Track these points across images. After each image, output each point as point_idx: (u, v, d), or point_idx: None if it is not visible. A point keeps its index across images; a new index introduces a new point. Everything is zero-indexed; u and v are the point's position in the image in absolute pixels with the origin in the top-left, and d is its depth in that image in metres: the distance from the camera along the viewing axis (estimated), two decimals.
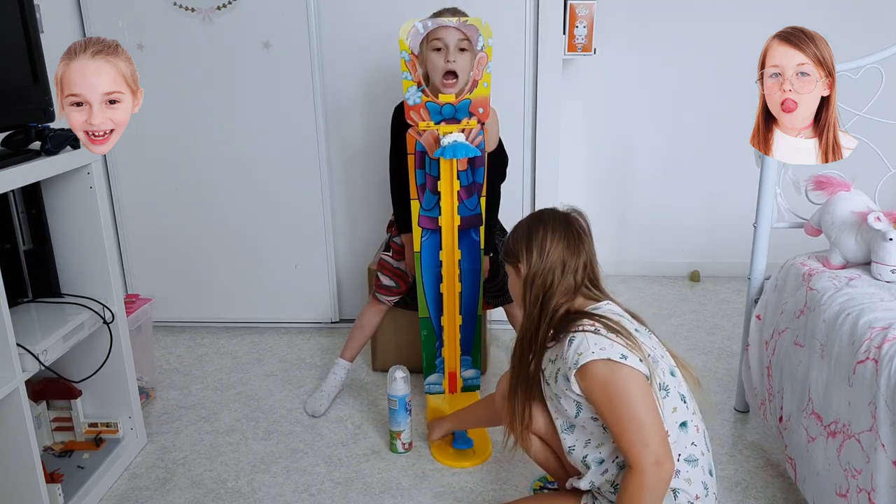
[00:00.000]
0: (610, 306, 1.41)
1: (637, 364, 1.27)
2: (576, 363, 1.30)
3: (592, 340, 1.29)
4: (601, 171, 3.27)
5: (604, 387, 1.27)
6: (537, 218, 1.47)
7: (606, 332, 1.30)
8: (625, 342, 1.29)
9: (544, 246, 1.41)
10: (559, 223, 1.44)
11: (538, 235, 1.42)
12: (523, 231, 1.46)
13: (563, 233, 1.42)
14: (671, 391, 1.32)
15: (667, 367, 1.35)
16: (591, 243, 1.46)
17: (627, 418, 1.24)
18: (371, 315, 2.28)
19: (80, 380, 1.88)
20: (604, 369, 1.27)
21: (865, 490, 1.34)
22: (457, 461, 1.94)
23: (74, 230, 1.83)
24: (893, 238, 1.65)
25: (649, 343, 1.36)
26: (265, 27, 2.49)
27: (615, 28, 3.02)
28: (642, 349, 1.30)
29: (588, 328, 1.32)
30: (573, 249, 1.41)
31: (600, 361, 1.27)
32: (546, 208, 1.50)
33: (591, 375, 1.28)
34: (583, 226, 1.46)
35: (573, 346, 1.31)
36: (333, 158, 2.67)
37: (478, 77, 1.84)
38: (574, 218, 1.47)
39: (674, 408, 1.32)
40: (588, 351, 1.28)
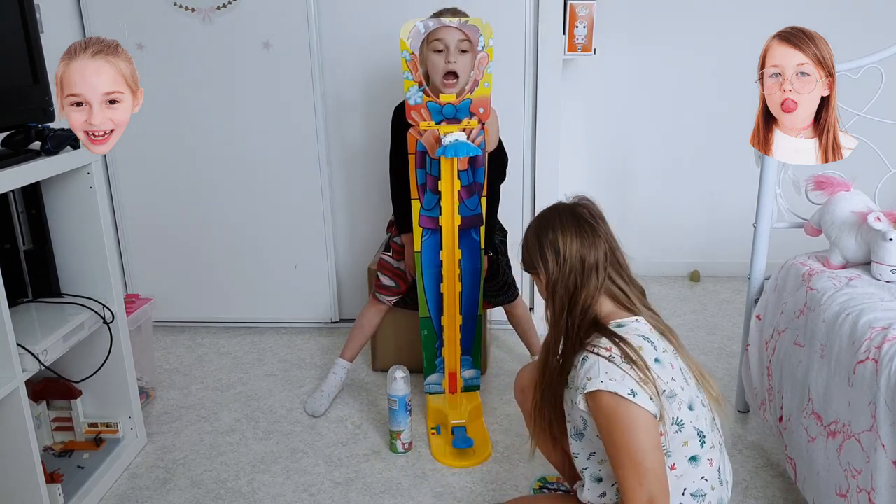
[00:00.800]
0: (637, 324, 1.31)
1: (645, 402, 1.20)
2: (583, 387, 1.24)
3: (604, 368, 1.22)
4: (601, 171, 3.27)
5: (608, 417, 1.21)
6: (543, 219, 1.39)
7: (621, 362, 1.22)
8: (638, 376, 1.21)
9: (558, 248, 1.32)
10: (567, 218, 1.35)
11: (548, 238, 1.34)
12: (532, 237, 1.38)
13: (574, 228, 1.33)
14: (685, 426, 1.25)
15: (685, 400, 1.26)
16: (608, 228, 1.36)
17: (626, 454, 1.20)
18: (371, 315, 2.28)
19: (80, 380, 1.88)
20: (610, 401, 1.20)
21: (865, 490, 1.34)
22: (457, 461, 1.94)
23: (74, 230, 1.83)
24: (893, 238, 1.65)
25: (668, 374, 1.26)
26: (265, 27, 2.49)
27: (615, 28, 3.02)
28: (656, 385, 1.22)
29: (603, 353, 1.24)
30: (588, 243, 1.32)
31: (607, 393, 1.20)
32: (551, 206, 1.42)
33: (596, 404, 1.23)
34: (594, 213, 1.37)
35: (584, 368, 1.25)
36: (333, 158, 2.67)
37: (479, 77, 1.84)
38: (582, 207, 1.38)
39: (685, 441, 1.26)
40: (597, 378, 1.22)
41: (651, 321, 1.34)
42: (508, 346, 2.63)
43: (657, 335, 1.31)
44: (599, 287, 1.32)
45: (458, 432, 1.99)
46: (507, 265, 2.30)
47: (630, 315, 1.33)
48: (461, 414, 2.05)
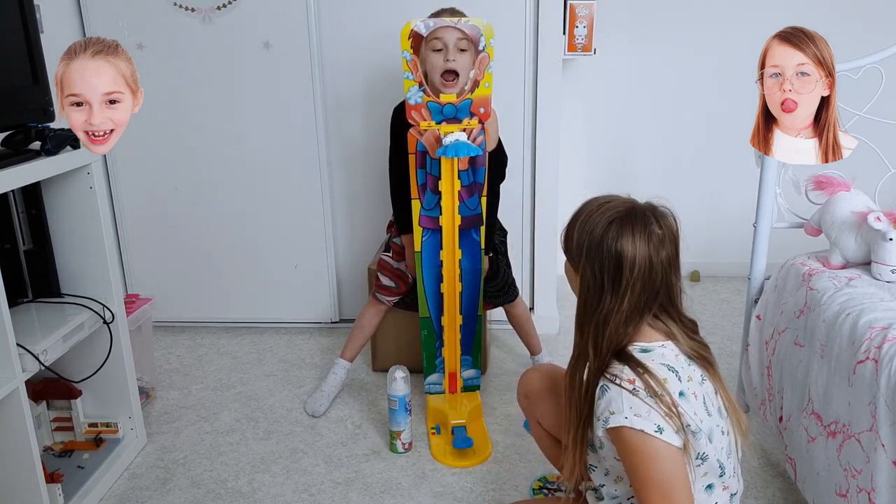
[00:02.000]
0: (664, 350, 1.19)
1: (671, 437, 1.11)
2: (605, 420, 1.15)
3: (628, 403, 1.12)
4: (601, 171, 3.27)
5: (633, 453, 1.13)
6: (612, 211, 1.21)
7: (645, 395, 1.12)
8: (663, 410, 1.11)
9: (624, 250, 1.16)
10: (641, 219, 1.19)
11: (613, 234, 1.17)
12: (595, 228, 1.20)
13: (646, 232, 1.17)
14: (709, 459, 1.18)
15: (706, 432, 1.17)
16: (677, 250, 1.21)
17: (655, 488, 1.12)
18: (371, 315, 2.28)
19: (80, 380, 1.88)
20: (635, 438, 1.12)
21: (865, 490, 1.34)
22: (457, 461, 1.94)
23: (74, 230, 1.83)
24: (893, 238, 1.65)
25: (692, 408, 1.16)
26: (265, 27, 2.49)
27: (615, 28, 3.02)
28: (682, 419, 1.12)
29: (626, 385, 1.13)
30: (655, 252, 1.17)
31: (632, 430, 1.11)
32: (626, 198, 1.26)
33: (620, 439, 1.14)
34: (672, 227, 1.22)
35: (605, 400, 1.15)
36: (333, 158, 2.67)
37: (479, 77, 1.84)
38: (662, 214, 1.22)
39: (705, 472, 1.20)
40: (621, 414, 1.12)
41: (683, 346, 1.22)
42: (508, 346, 2.63)
43: (684, 361, 1.20)
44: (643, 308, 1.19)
45: (458, 432, 1.99)
46: (507, 265, 2.30)
47: (663, 338, 1.21)
48: (461, 414, 2.05)
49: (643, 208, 1.22)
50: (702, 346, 1.26)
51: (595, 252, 1.18)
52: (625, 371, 1.16)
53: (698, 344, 1.26)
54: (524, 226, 2.69)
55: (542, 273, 2.75)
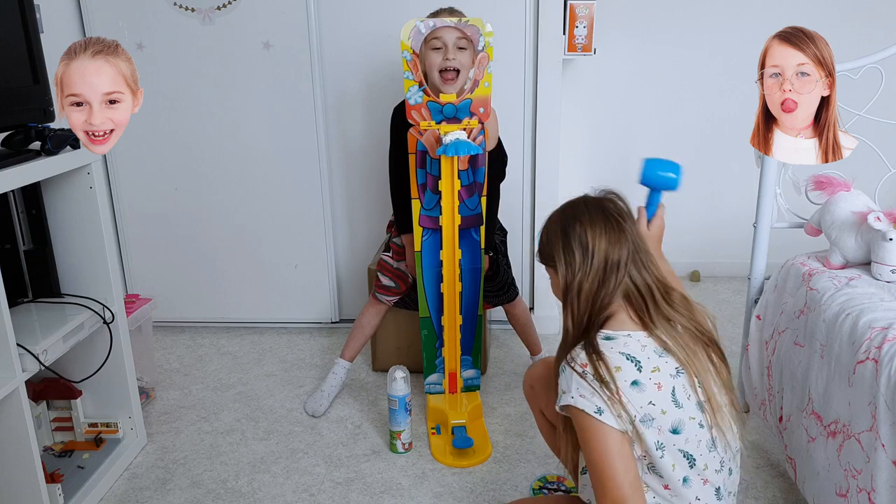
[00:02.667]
0: (629, 339, 1.25)
1: (611, 420, 1.18)
2: (559, 398, 1.25)
3: (575, 384, 1.22)
4: (601, 170, 3.26)
5: (581, 435, 1.23)
6: (569, 210, 1.33)
7: (592, 379, 1.20)
8: (607, 395, 1.19)
9: (585, 243, 1.27)
10: (595, 212, 1.30)
11: (575, 231, 1.28)
12: (556, 228, 1.32)
13: (602, 223, 1.28)
14: (668, 449, 1.22)
15: (667, 424, 1.21)
16: (633, 226, 1.31)
17: (594, 464, 1.21)
18: (371, 315, 2.28)
19: (81, 380, 1.88)
20: (579, 418, 1.22)
21: (865, 490, 1.34)
22: (457, 461, 1.94)
23: (74, 230, 1.83)
24: (893, 238, 1.65)
25: (646, 398, 1.21)
26: (265, 27, 2.49)
27: (615, 28, 3.02)
28: (626, 407, 1.18)
29: (578, 368, 1.22)
30: (614, 240, 1.27)
31: (575, 410, 1.21)
32: (577, 197, 1.36)
33: (570, 415, 1.25)
34: (620, 209, 1.32)
35: (561, 379, 1.26)
36: (333, 158, 2.67)
37: (479, 77, 1.84)
38: (609, 202, 1.33)
39: (673, 465, 1.23)
40: (569, 393, 1.22)
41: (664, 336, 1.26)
42: (508, 346, 2.63)
43: (652, 352, 1.24)
44: (616, 287, 1.27)
45: (458, 432, 1.99)
46: (507, 265, 2.30)
47: (637, 328, 1.27)
48: (461, 414, 2.06)
49: (595, 199, 1.35)
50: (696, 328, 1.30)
51: (561, 239, 1.30)
52: (581, 355, 1.24)
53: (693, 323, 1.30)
54: (524, 226, 2.69)
55: (542, 273, 2.74)
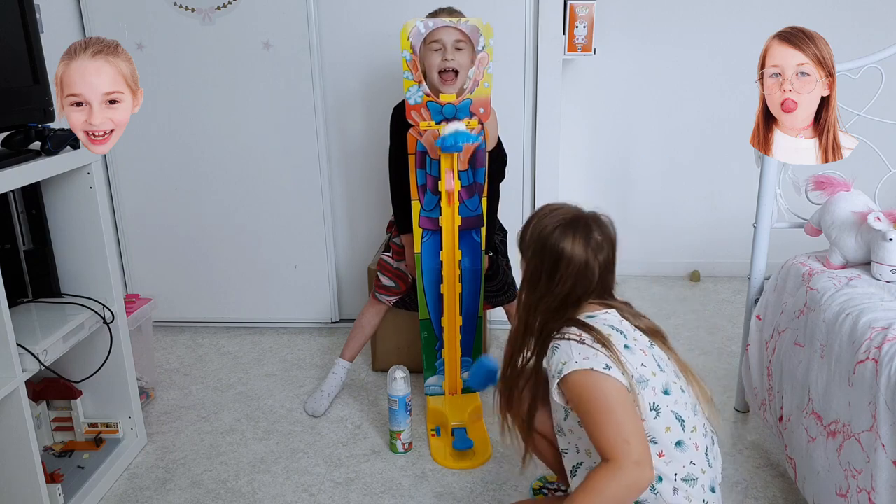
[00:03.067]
0: (608, 316, 1.35)
1: (619, 376, 1.24)
2: (559, 372, 1.26)
3: (577, 350, 1.26)
4: (601, 171, 3.27)
5: (586, 395, 1.24)
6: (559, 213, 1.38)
7: (591, 342, 1.27)
8: (609, 354, 1.25)
9: (562, 248, 1.33)
10: (584, 225, 1.36)
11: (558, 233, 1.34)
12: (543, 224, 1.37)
13: (586, 236, 1.34)
14: (663, 410, 1.28)
15: (659, 385, 1.29)
16: (615, 254, 1.38)
17: (607, 420, 1.21)
18: (371, 315, 2.28)
19: (81, 380, 1.88)
20: (587, 379, 1.24)
21: (865, 490, 1.34)
22: (457, 463, 1.94)
23: (74, 230, 1.83)
24: (893, 238, 1.65)
25: (638, 360, 1.30)
26: (265, 27, 2.49)
27: (615, 28, 3.02)
28: (625, 367, 1.25)
29: (573, 336, 1.28)
30: (593, 255, 1.33)
31: (583, 371, 1.24)
32: (571, 205, 1.41)
33: (573, 384, 1.26)
34: (610, 234, 1.38)
35: (557, 355, 1.28)
36: (334, 158, 2.67)
37: (479, 77, 1.84)
38: (603, 223, 1.38)
39: (667, 427, 1.28)
40: (571, 360, 1.25)
41: (627, 316, 1.37)
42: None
43: (629, 326, 1.35)
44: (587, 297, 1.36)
45: (458, 434, 1.99)
46: (506, 265, 2.30)
47: (603, 309, 1.36)
48: (461, 416, 2.05)
49: (586, 216, 1.38)
50: (643, 318, 1.40)
51: (540, 248, 1.36)
52: (571, 329, 1.30)
53: (640, 316, 1.40)
54: None
55: None
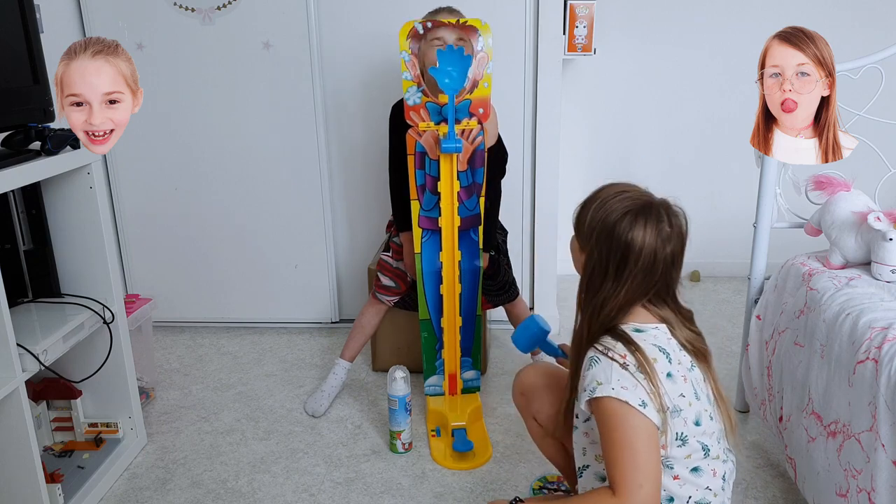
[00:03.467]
0: (657, 332, 1.24)
1: (653, 415, 1.16)
2: (592, 390, 1.18)
3: (617, 374, 1.17)
4: (601, 171, 3.26)
5: (614, 424, 1.17)
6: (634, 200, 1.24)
7: (635, 371, 1.17)
8: (649, 388, 1.16)
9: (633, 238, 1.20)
10: (655, 214, 1.23)
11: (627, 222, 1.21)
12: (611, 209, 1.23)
13: (657, 227, 1.21)
14: (689, 441, 1.22)
15: (692, 416, 1.22)
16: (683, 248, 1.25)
17: (628, 458, 1.15)
18: (371, 315, 2.28)
19: (81, 380, 1.88)
20: (619, 409, 1.16)
21: (865, 490, 1.34)
22: (457, 464, 1.93)
23: (74, 230, 1.83)
24: (893, 238, 1.65)
25: (677, 389, 1.21)
26: (265, 27, 2.49)
27: (615, 28, 3.02)
28: (662, 400, 1.17)
29: (617, 358, 1.18)
30: (661, 246, 1.21)
31: (616, 401, 1.15)
32: (643, 190, 1.29)
33: (602, 408, 1.18)
34: (681, 226, 1.25)
35: (594, 371, 1.19)
36: (333, 158, 2.67)
37: (478, 77, 1.84)
38: (674, 213, 1.25)
39: (688, 455, 1.23)
40: (608, 385, 1.16)
41: (677, 332, 1.27)
42: (508, 346, 2.62)
43: (675, 346, 1.25)
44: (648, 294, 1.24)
45: (458, 435, 1.99)
46: (507, 265, 2.30)
47: (656, 321, 1.26)
48: (461, 416, 2.05)
49: (658, 204, 1.25)
50: (696, 337, 1.30)
51: (606, 237, 1.22)
52: (617, 346, 1.20)
53: (693, 334, 1.30)
54: (524, 226, 2.69)
55: (542, 273, 2.75)
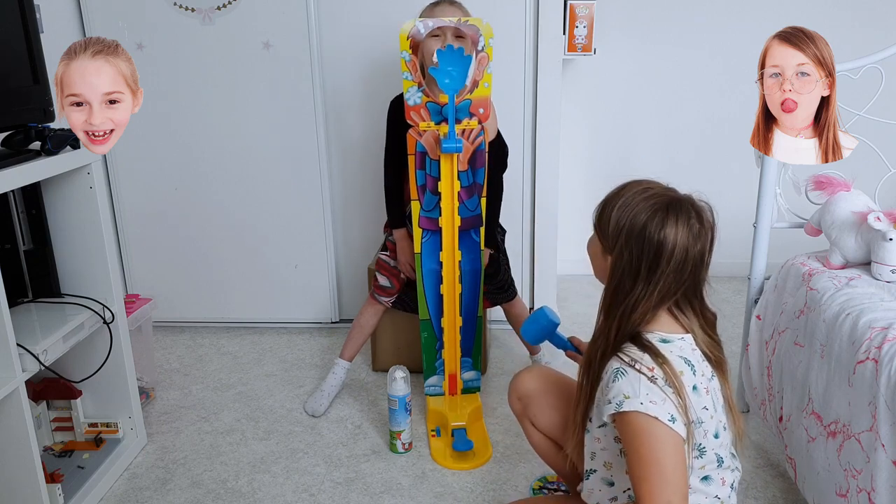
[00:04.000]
0: (683, 343, 1.21)
1: (681, 429, 1.13)
2: (619, 404, 1.14)
3: (645, 388, 1.13)
4: (601, 171, 3.27)
5: (641, 439, 1.13)
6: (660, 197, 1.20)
7: (663, 384, 1.13)
8: (677, 402, 1.13)
9: (665, 237, 1.15)
10: (685, 210, 1.19)
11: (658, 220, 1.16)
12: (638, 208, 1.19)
13: (687, 224, 1.17)
14: (707, 453, 1.21)
15: (711, 429, 1.21)
16: (712, 245, 1.21)
17: (656, 474, 1.12)
18: (369, 315, 2.28)
19: (81, 380, 1.88)
20: (647, 425, 1.12)
21: (865, 490, 1.34)
22: (457, 464, 1.93)
23: (74, 230, 1.83)
24: (893, 238, 1.65)
25: (701, 402, 1.19)
26: (265, 27, 2.49)
27: (615, 28, 3.02)
28: (689, 413, 1.15)
29: (646, 371, 1.14)
30: (693, 247, 1.17)
31: (645, 416, 1.12)
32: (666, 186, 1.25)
33: (629, 423, 1.14)
34: (710, 222, 1.21)
35: (621, 384, 1.15)
36: (333, 158, 2.67)
37: (478, 77, 1.84)
38: (700, 208, 1.22)
39: (703, 465, 1.23)
40: (636, 399, 1.12)
41: (699, 341, 1.24)
42: (508, 346, 2.63)
43: (699, 356, 1.23)
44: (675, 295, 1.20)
45: (458, 435, 1.99)
46: (506, 264, 2.30)
47: (682, 331, 1.23)
48: (461, 416, 2.05)
49: (685, 200, 1.22)
50: (715, 345, 1.28)
51: (636, 238, 1.17)
52: (644, 358, 1.16)
53: (712, 342, 1.27)
54: (524, 226, 2.69)
55: (542, 273, 2.75)
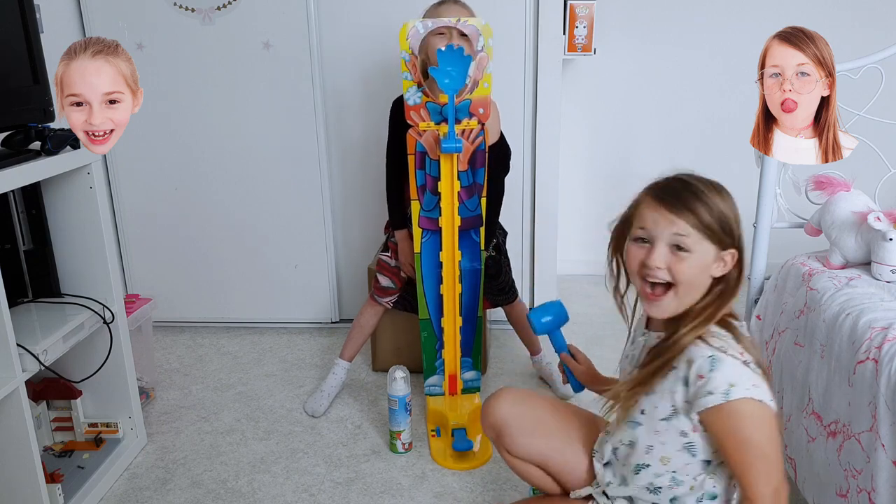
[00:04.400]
0: (742, 327, 1.24)
1: (775, 408, 1.17)
2: (726, 393, 1.13)
3: (747, 375, 1.15)
4: (601, 171, 3.27)
5: (751, 429, 1.15)
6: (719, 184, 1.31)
7: (755, 367, 1.16)
8: (769, 385, 1.16)
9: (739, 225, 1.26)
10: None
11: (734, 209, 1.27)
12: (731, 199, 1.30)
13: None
14: None
15: None
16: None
17: (765, 463, 1.15)
18: (369, 315, 2.28)
19: (81, 380, 1.88)
20: (757, 411, 1.14)
21: (865, 490, 1.34)
22: (457, 464, 1.93)
23: (74, 230, 1.83)
24: (893, 238, 1.65)
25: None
26: (265, 27, 2.49)
27: (615, 28, 3.02)
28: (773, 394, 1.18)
29: (738, 356, 1.16)
30: None
31: (755, 402, 1.13)
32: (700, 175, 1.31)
33: (738, 411, 1.14)
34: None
35: (723, 372, 1.14)
36: (333, 158, 2.67)
37: (478, 77, 1.84)
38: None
39: None
40: (741, 385, 1.13)
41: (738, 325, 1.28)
42: (508, 346, 2.63)
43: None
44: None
45: (458, 435, 1.99)
46: (508, 266, 2.30)
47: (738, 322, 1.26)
48: (461, 416, 2.05)
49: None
50: None
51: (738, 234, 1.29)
52: (728, 342, 1.19)
53: None
54: (524, 226, 2.69)
55: (542, 273, 2.75)
